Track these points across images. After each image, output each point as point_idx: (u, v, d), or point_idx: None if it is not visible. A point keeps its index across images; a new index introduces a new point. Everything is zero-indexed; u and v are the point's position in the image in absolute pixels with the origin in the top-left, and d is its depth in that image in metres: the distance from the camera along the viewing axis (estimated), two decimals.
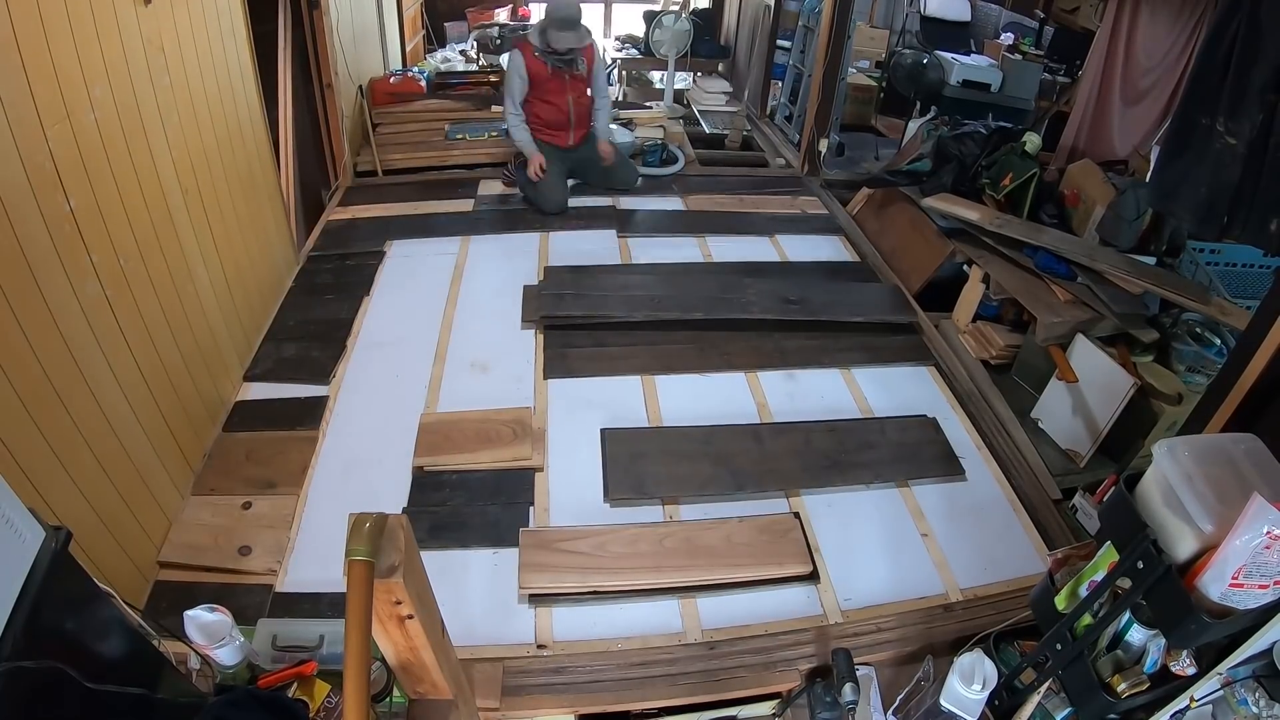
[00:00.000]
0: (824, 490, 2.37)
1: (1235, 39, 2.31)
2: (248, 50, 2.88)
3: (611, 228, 3.77)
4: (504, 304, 3.11)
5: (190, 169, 2.39)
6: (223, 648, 1.31)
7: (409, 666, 1.25)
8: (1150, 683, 1.32)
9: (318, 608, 1.94)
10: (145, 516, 2.03)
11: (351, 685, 0.96)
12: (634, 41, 6.28)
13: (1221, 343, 2.81)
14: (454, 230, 3.67)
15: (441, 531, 2.18)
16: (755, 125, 5.53)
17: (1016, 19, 6.22)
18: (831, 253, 3.75)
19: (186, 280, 2.35)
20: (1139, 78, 3.84)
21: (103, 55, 1.90)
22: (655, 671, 1.84)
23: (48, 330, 1.67)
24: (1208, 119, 2.42)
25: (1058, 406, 2.75)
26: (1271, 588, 1.13)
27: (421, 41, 6.39)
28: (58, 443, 1.67)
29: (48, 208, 1.66)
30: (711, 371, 2.82)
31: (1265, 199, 2.31)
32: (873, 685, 1.78)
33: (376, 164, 4.25)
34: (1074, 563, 1.46)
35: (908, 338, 3.10)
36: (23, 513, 0.88)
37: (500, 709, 1.73)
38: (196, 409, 2.37)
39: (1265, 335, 1.69)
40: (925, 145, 3.90)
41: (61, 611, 0.92)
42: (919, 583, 2.13)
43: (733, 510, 2.26)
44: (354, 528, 1.03)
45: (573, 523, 2.20)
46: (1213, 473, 1.19)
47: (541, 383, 2.72)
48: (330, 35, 3.67)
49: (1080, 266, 3.02)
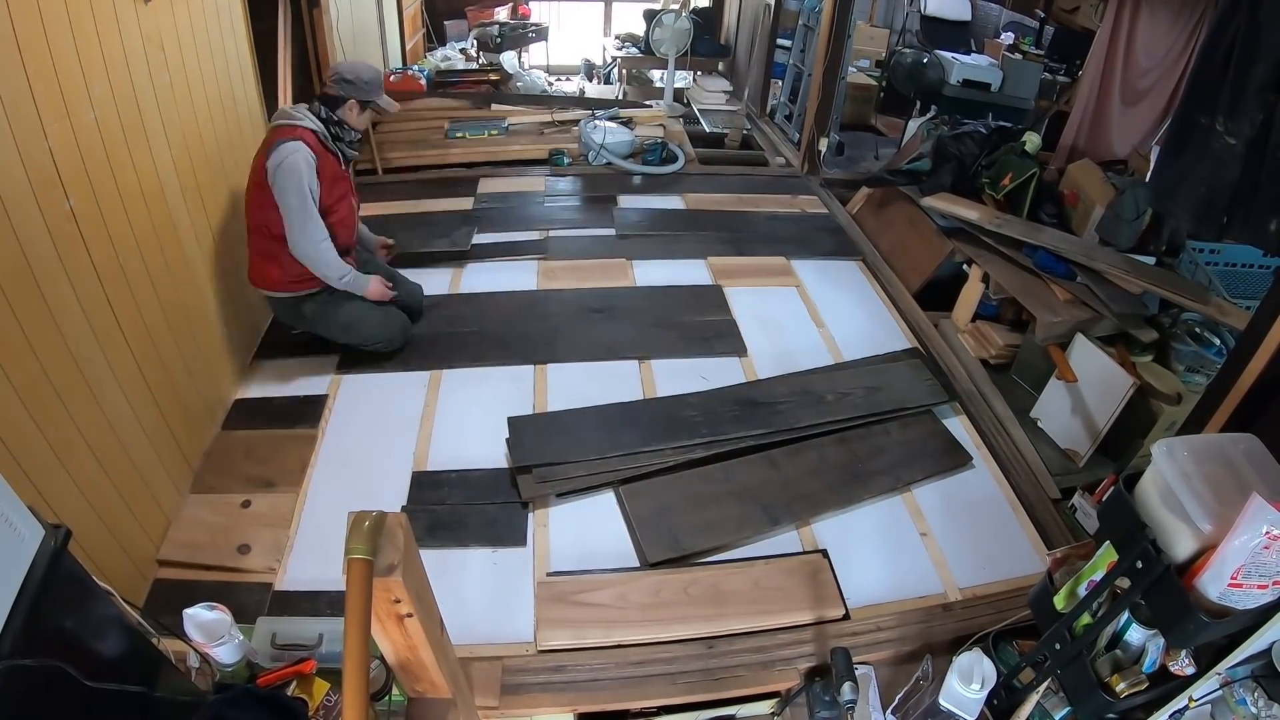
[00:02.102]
0: (854, 507, 2.33)
1: (1235, 38, 2.31)
2: (248, 48, 2.88)
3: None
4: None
5: (191, 167, 2.38)
6: (222, 646, 1.31)
7: (408, 665, 1.25)
8: (1149, 682, 1.32)
9: (317, 606, 1.94)
10: (144, 515, 2.03)
11: (350, 683, 0.96)
12: (634, 40, 6.28)
13: (1221, 343, 2.81)
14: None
15: (439, 530, 2.18)
16: (755, 124, 5.53)
17: (1016, 18, 6.22)
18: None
19: (186, 279, 2.35)
20: (1139, 77, 3.84)
21: (103, 54, 1.90)
22: (654, 670, 1.84)
23: (47, 329, 1.67)
24: (1207, 119, 2.42)
25: (1057, 406, 2.75)
26: (1270, 588, 1.13)
27: (421, 40, 6.39)
28: (57, 441, 1.67)
29: (47, 206, 1.66)
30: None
31: (1265, 199, 2.31)
32: (871, 684, 1.78)
33: (376, 162, 4.25)
34: (1073, 562, 1.46)
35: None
36: (22, 511, 0.88)
37: (499, 708, 1.73)
38: (196, 407, 2.37)
39: (1265, 335, 1.69)
40: (925, 145, 3.89)
41: (60, 610, 0.92)
42: (918, 582, 2.13)
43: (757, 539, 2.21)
44: (353, 526, 1.03)
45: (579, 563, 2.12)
46: (1211, 473, 1.19)
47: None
48: (330, 33, 3.67)
49: (1080, 266, 3.02)
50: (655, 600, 2.01)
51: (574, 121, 4.78)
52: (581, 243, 3.66)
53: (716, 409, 2.59)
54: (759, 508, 2.28)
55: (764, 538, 2.23)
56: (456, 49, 6.33)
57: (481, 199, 4.03)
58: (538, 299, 3.24)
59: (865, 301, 3.42)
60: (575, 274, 3.41)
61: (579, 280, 3.36)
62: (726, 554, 2.18)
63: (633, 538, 2.19)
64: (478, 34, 6.17)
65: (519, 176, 4.35)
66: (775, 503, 2.30)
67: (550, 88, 5.98)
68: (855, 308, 3.35)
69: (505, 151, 4.55)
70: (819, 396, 2.67)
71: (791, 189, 4.42)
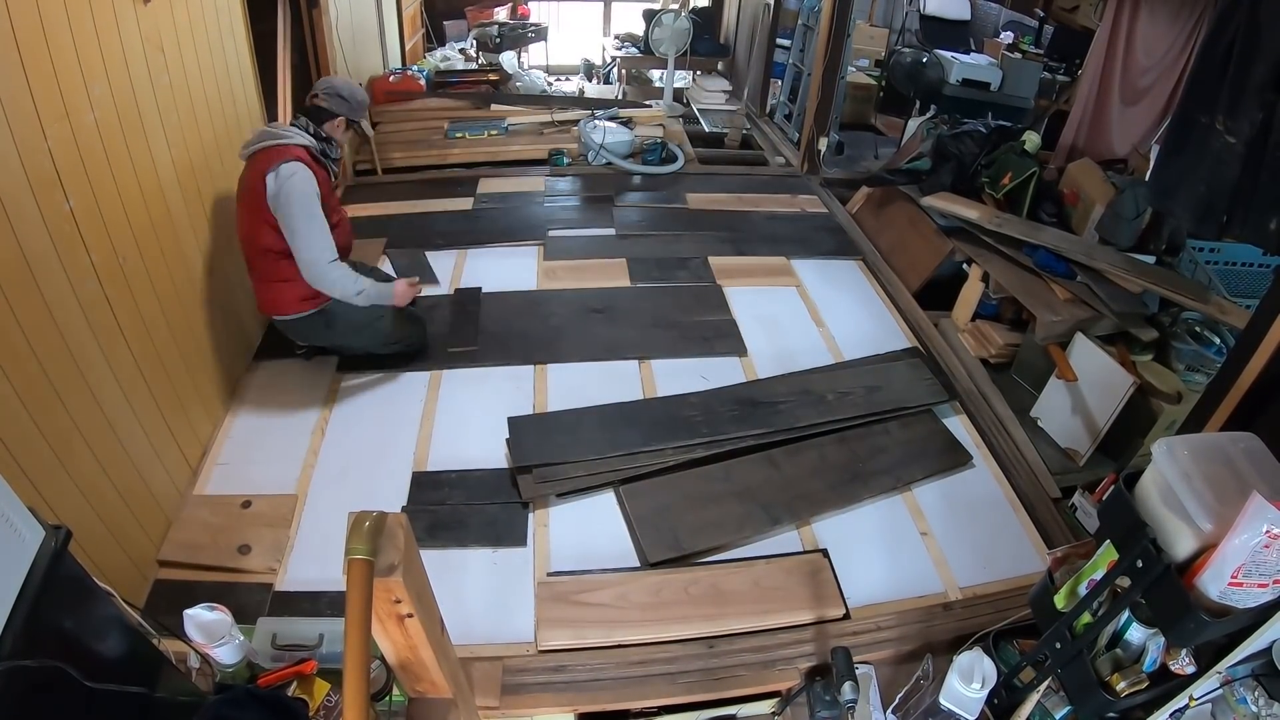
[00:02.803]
0: (854, 507, 2.33)
1: (1235, 38, 2.31)
2: (247, 49, 2.88)
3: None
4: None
5: (190, 168, 2.38)
6: (222, 646, 1.31)
7: (408, 665, 1.25)
8: (1149, 681, 1.32)
9: (317, 606, 1.94)
10: (144, 515, 2.03)
11: (351, 684, 0.96)
12: (633, 40, 6.28)
13: (1221, 341, 2.81)
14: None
15: (440, 530, 2.18)
16: (755, 124, 5.53)
17: (1016, 18, 6.22)
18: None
19: (186, 280, 2.35)
20: (1138, 76, 3.83)
21: (102, 54, 1.90)
22: (655, 670, 1.84)
23: (47, 329, 1.67)
24: (1207, 118, 2.42)
25: (1057, 405, 2.75)
26: (1270, 586, 1.13)
27: (421, 40, 6.39)
28: (57, 442, 1.67)
29: (47, 207, 1.66)
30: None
31: (1264, 197, 2.31)
32: (872, 684, 1.78)
33: (376, 163, 4.25)
34: (1073, 561, 1.46)
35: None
36: (22, 512, 0.89)
37: (499, 708, 1.73)
38: (195, 408, 2.37)
39: (1265, 334, 1.69)
40: (925, 144, 3.90)
41: (61, 610, 0.92)
42: (918, 581, 2.13)
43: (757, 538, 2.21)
44: (353, 526, 1.03)
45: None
46: (1212, 471, 1.19)
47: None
48: (329, 34, 3.68)
49: (1080, 265, 3.02)
50: (656, 600, 2.01)
51: (573, 121, 4.79)
52: (581, 243, 3.66)
53: (716, 409, 2.59)
54: (759, 507, 2.28)
55: (764, 537, 2.23)
56: (456, 49, 6.33)
57: (481, 199, 4.03)
58: (538, 299, 3.24)
59: (865, 301, 3.41)
60: (575, 274, 3.41)
61: (579, 280, 3.36)
62: (727, 554, 2.18)
63: (633, 537, 2.19)
64: (477, 34, 6.17)
65: (519, 176, 4.35)
66: (775, 502, 2.30)
67: (550, 88, 5.98)
68: (855, 307, 3.35)
69: (505, 151, 4.55)
70: (819, 396, 2.67)
71: (791, 189, 4.42)
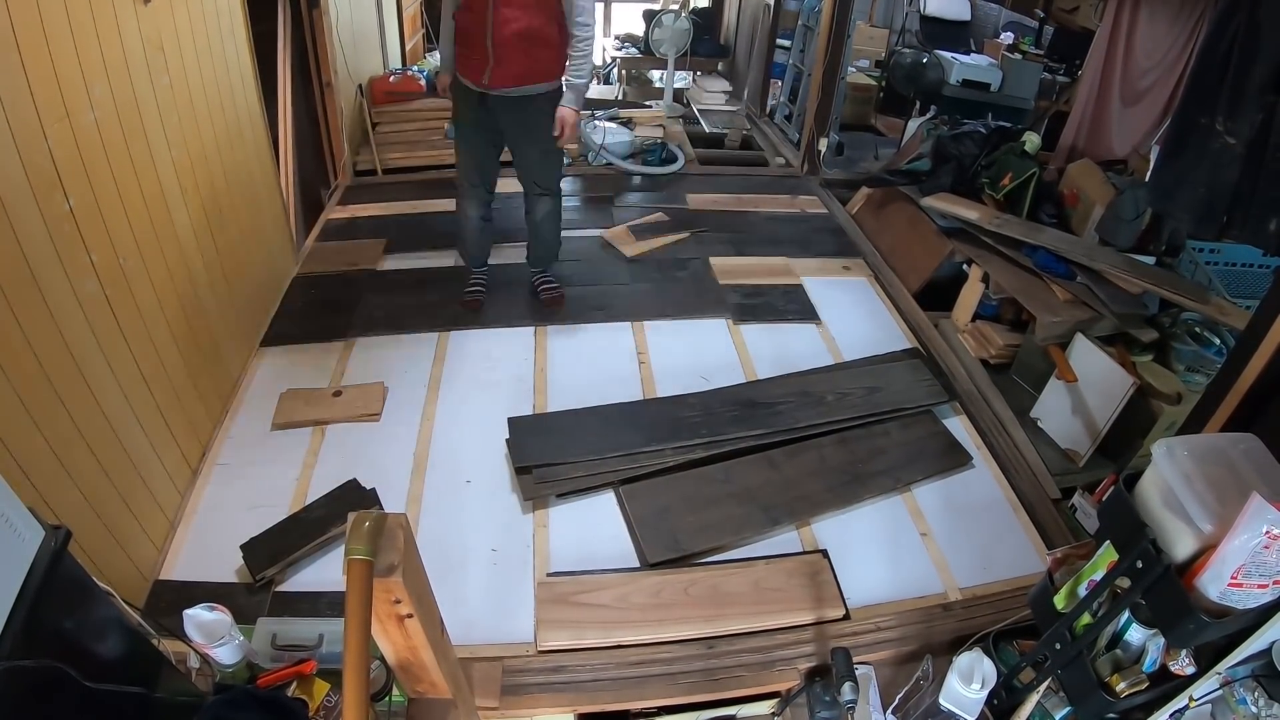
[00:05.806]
0: (854, 508, 2.32)
1: (1234, 39, 2.31)
2: (247, 49, 2.88)
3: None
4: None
5: (190, 169, 2.38)
6: (222, 647, 1.31)
7: (408, 665, 1.25)
8: (1149, 682, 1.32)
9: (317, 607, 1.94)
10: (144, 515, 2.02)
11: (351, 684, 0.96)
12: (633, 40, 6.27)
13: (1221, 342, 2.81)
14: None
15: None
16: (755, 124, 5.53)
17: (1016, 18, 6.22)
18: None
19: (186, 280, 2.35)
20: (1138, 77, 3.83)
21: (102, 55, 1.90)
22: (654, 671, 1.84)
23: (47, 329, 1.66)
24: (1207, 119, 2.42)
25: (1057, 406, 2.74)
26: (1270, 587, 1.13)
27: (421, 40, 6.38)
28: (57, 442, 1.67)
29: (47, 207, 1.66)
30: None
31: (1264, 199, 2.31)
32: (871, 684, 1.78)
33: (376, 163, 4.25)
34: (1073, 562, 1.46)
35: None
36: (22, 512, 0.88)
37: (499, 708, 1.73)
38: (195, 408, 2.37)
39: (1265, 335, 1.68)
40: (924, 145, 3.89)
41: (61, 610, 0.92)
42: (918, 582, 2.13)
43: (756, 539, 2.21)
44: (353, 527, 1.03)
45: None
46: (1212, 472, 1.19)
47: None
48: (330, 34, 3.67)
49: (1079, 266, 3.02)
50: (655, 601, 2.01)
51: None
52: (581, 243, 3.66)
53: (716, 409, 2.59)
54: (759, 508, 2.28)
55: (764, 538, 2.23)
56: None
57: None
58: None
59: (865, 301, 3.41)
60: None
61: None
62: (727, 554, 2.18)
63: (633, 538, 2.19)
64: None
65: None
66: (775, 503, 2.30)
67: None
68: (855, 307, 3.35)
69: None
70: (819, 397, 2.67)
71: (791, 189, 4.42)
